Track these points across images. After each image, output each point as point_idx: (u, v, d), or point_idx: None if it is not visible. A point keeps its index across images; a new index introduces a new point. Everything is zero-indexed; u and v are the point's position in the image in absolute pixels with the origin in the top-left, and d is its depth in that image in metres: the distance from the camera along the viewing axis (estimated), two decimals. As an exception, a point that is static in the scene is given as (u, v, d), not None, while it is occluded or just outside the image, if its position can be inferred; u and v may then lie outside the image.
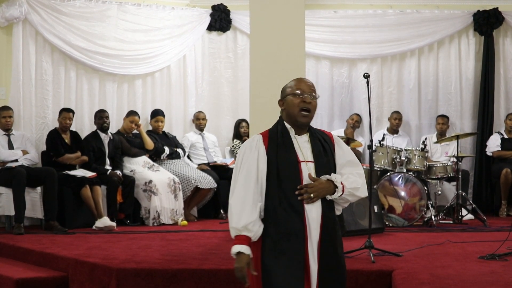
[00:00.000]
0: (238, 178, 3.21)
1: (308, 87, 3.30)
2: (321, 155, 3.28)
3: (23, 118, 8.14)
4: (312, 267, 3.16)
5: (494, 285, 4.44)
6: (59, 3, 8.35)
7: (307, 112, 3.26)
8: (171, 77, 9.23)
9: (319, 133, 3.38)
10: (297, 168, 3.20)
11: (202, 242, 6.44)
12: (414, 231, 7.23)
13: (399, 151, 7.85)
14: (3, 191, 7.30)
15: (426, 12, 9.46)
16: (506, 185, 8.59)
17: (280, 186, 3.19)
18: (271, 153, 3.23)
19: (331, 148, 3.33)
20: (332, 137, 3.38)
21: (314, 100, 3.29)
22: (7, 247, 6.45)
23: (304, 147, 3.27)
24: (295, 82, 3.34)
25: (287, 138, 3.28)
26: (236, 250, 3.09)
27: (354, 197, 3.30)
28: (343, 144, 3.40)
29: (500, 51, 9.48)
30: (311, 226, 3.17)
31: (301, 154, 3.25)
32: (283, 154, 3.23)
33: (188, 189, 8.24)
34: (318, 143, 3.30)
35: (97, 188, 7.62)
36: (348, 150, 3.39)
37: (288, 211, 3.16)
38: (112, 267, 5.15)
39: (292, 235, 3.15)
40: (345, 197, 3.25)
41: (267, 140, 3.27)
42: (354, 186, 3.26)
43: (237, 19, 9.40)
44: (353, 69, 9.59)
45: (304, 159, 3.24)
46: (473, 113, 9.50)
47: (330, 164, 3.29)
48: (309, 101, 3.25)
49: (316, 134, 3.35)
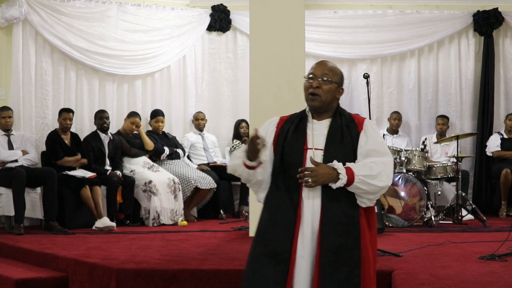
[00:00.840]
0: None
1: (321, 70, 3.20)
2: (334, 143, 3.09)
3: (23, 119, 8.13)
4: (299, 262, 3.01)
5: (494, 285, 4.44)
6: (59, 4, 8.35)
7: (314, 96, 3.14)
8: (171, 78, 9.23)
9: (347, 118, 3.17)
10: (301, 156, 3.08)
11: (202, 243, 6.44)
12: (414, 231, 7.23)
13: (399, 152, 7.85)
14: (3, 192, 7.30)
15: (426, 12, 9.47)
16: (506, 185, 8.59)
17: (282, 172, 3.10)
18: (280, 138, 3.15)
19: (354, 136, 3.11)
20: (361, 124, 3.14)
21: (326, 85, 3.15)
22: (7, 247, 6.45)
23: (318, 134, 3.13)
24: (313, 65, 3.27)
25: (302, 123, 3.17)
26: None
27: (370, 186, 3.00)
28: (372, 131, 3.12)
29: (500, 52, 9.48)
30: (305, 219, 3.03)
31: (311, 141, 3.11)
32: (292, 140, 3.12)
33: (188, 189, 8.24)
34: (338, 130, 3.12)
35: (97, 188, 7.62)
36: (374, 139, 3.11)
37: (284, 199, 3.07)
38: (112, 267, 5.15)
39: (279, 225, 3.04)
40: (358, 186, 2.99)
41: (282, 124, 3.20)
42: (367, 174, 2.99)
43: (237, 19, 9.40)
44: (353, 69, 9.60)
45: (313, 146, 3.10)
46: (473, 113, 9.50)
47: (345, 153, 3.07)
48: (316, 85, 3.14)
49: (342, 119, 3.16)
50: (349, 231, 3.04)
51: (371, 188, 3.02)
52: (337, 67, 3.30)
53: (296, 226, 3.03)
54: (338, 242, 3.00)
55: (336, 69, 3.26)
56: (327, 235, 3.00)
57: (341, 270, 2.99)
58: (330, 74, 3.20)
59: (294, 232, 3.02)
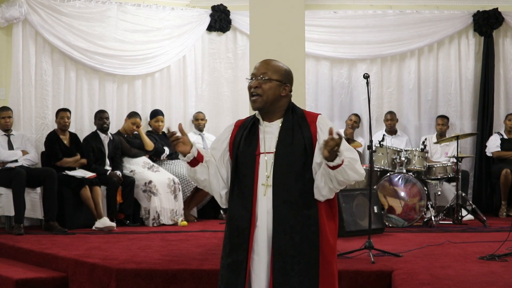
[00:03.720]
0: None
1: (259, 69, 3.07)
2: (285, 145, 2.98)
3: (23, 119, 8.13)
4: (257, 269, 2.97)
5: (494, 285, 4.44)
6: (59, 4, 8.35)
7: (255, 97, 3.02)
8: (171, 78, 9.23)
9: (299, 116, 3.05)
10: (253, 161, 3.01)
11: (202, 243, 6.44)
12: (414, 231, 7.23)
13: (399, 152, 7.85)
14: (3, 192, 7.30)
15: (426, 12, 9.46)
16: (506, 185, 8.59)
17: (237, 180, 3.05)
18: (234, 145, 3.08)
19: (306, 135, 2.99)
20: (314, 122, 3.02)
21: (266, 83, 3.01)
22: (7, 248, 6.45)
23: (269, 137, 3.04)
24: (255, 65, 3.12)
25: (254, 127, 3.08)
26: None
27: (353, 171, 2.89)
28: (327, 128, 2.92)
29: (500, 52, 9.48)
30: (260, 226, 2.98)
31: (263, 145, 3.02)
32: (244, 146, 3.05)
33: (188, 189, 8.24)
34: (289, 131, 3.01)
35: (96, 188, 7.62)
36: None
37: (239, 207, 3.02)
38: (112, 267, 5.15)
39: (235, 234, 3.01)
40: (344, 169, 2.86)
41: (236, 131, 3.11)
42: (352, 157, 2.89)
43: (237, 19, 9.40)
44: (353, 69, 9.59)
45: (265, 150, 3.02)
46: (473, 114, 9.50)
47: (297, 154, 2.96)
48: (255, 85, 3.02)
49: (293, 118, 3.04)
50: (304, 234, 2.95)
51: (350, 176, 2.90)
52: (280, 64, 3.13)
53: (251, 234, 2.98)
54: (291, 248, 2.94)
55: (277, 66, 3.10)
56: (278, 241, 2.95)
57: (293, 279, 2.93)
58: (269, 72, 3.05)
59: (249, 240, 2.97)
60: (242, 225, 3.00)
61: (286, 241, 2.94)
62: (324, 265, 2.97)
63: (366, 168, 6.69)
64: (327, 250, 2.97)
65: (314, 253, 2.95)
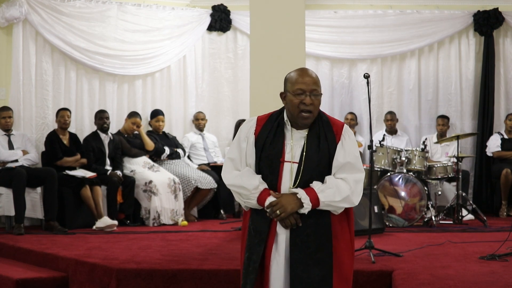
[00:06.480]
0: (228, 162, 3.10)
1: (309, 84, 3.01)
2: (311, 156, 3.00)
3: (23, 119, 8.13)
4: (273, 273, 3.00)
5: (494, 285, 4.45)
6: (59, 4, 8.35)
7: (308, 114, 3.01)
8: (171, 78, 9.23)
9: (326, 126, 3.07)
10: (277, 169, 3.01)
11: (202, 243, 6.44)
12: (414, 231, 7.23)
13: (399, 152, 7.85)
14: (3, 192, 7.30)
15: (426, 12, 9.46)
16: (506, 185, 8.59)
17: None
18: (258, 145, 3.05)
19: (331, 145, 3.02)
20: (340, 132, 3.06)
21: (317, 98, 3.02)
22: (7, 247, 6.45)
23: (296, 145, 3.03)
24: (296, 76, 3.05)
25: (279, 131, 3.06)
26: (267, 203, 2.98)
27: (336, 208, 3.01)
28: (349, 142, 3.05)
29: (500, 52, 9.48)
30: (279, 229, 3.01)
31: (289, 153, 3.02)
32: (269, 150, 3.03)
33: (188, 189, 8.24)
34: (315, 141, 3.02)
35: (97, 188, 7.62)
36: (351, 152, 3.04)
37: (261, 211, 3.03)
38: (112, 267, 5.16)
39: (257, 233, 3.03)
40: (325, 208, 2.99)
41: (260, 129, 3.08)
42: (331, 200, 2.97)
43: (237, 19, 9.40)
44: (353, 69, 9.60)
45: (291, 159, 3.02)
46: (473, 114, 9.50)
47: (321, 165, 3.00)
48: (309, 102, 3.00)
49: (320, 128, 3.05)
50: (321, 242, 3.01)
51: (337, 209, 3.03)
52: (315, 74, 3.13)
53: (270, 237, 3.01)
54: (308, 256, 2.99)
55: (318, 78, 3.10)
56: (295, 248, 2.99)
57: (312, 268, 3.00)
58: (318, 88, 3.06)
59: (267, 243, 3.01)
60: (262, 227, 3.03)
61: (302, 250, 2.99)
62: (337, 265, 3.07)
63: (367, 168, 6.69)
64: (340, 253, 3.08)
65: (327, 264, 3.04)
